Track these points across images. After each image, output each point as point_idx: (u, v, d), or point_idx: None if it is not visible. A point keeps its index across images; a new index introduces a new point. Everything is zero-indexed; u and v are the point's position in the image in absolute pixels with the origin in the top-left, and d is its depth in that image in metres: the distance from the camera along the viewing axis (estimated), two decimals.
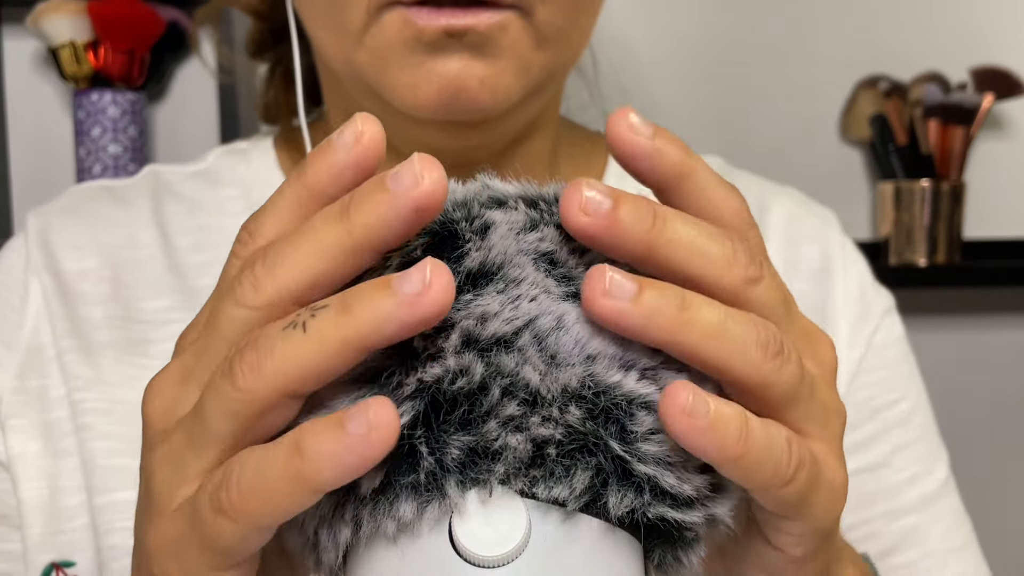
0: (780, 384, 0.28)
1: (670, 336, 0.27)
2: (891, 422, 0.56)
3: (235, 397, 0.27)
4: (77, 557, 0.50)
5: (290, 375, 0.26)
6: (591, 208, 0.27)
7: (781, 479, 0.28)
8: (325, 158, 0.29)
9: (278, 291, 0.27)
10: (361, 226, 0.27)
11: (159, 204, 0.56)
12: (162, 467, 0.29)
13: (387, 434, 0.25)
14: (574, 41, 0.48)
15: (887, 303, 0.59)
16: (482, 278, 0.28)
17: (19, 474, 0.50)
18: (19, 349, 0.52)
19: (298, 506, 0.26)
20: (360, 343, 0.26)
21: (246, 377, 0.26)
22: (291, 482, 0.25)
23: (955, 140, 1.24)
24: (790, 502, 0.29)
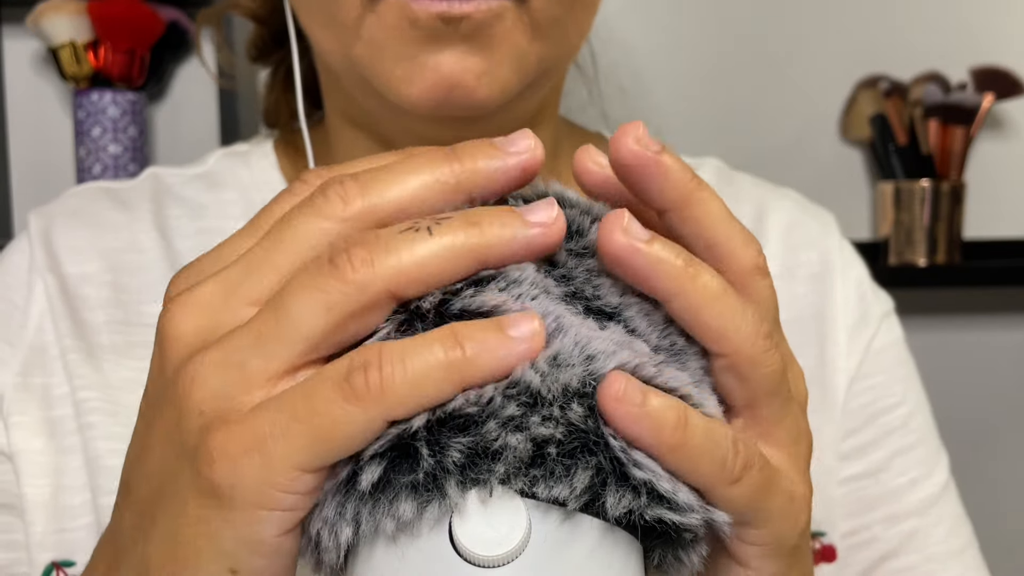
0: (767, 367, 0.29)
1: (676, 286, 0.28)
2: (890, 426, 0.56)
3: (337, 289, 0.26)
4: (79, 557, 0.49)
5: (405, 271, 0.26)
6: (644, 141, 0.29)
7: (727, 476, 0.28)
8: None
9: (369, 206, 0.28)
10: (470, 170, 0.29)
11: (160, 207, 0.56)
12: (211, 377, 0.27)
13: (541, 342, 0.26)
14: (571, 34, 0.48)
15: (886, 307, 0.59)
16: (483, 279, 0.28)
17: (22, 470, 0.50)
18: (23, 347, 0.52)
19: (442, 398, 0.26)
20: (484, 253, 0.27)
21: (356, 270, 0.26)
22: (445, 371, 0.25)
23: (955, 140, 1.24)
24: (742, 504, 0.28)
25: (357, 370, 0.25)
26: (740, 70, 1.28)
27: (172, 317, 0.29)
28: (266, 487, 0.26)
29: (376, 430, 0.26)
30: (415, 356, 0.26)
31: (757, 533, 0.30)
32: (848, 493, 0.55)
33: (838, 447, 0.55)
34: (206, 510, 0.27)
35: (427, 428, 0.26)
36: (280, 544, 0.27)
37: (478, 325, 0.26)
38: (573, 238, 0.30)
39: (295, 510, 0.26)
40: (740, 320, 0.29)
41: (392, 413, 0.25)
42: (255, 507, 0.26)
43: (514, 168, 0.29)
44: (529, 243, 0.28)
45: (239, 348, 0.27)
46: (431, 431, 0.26)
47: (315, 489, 0.26)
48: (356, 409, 0.25)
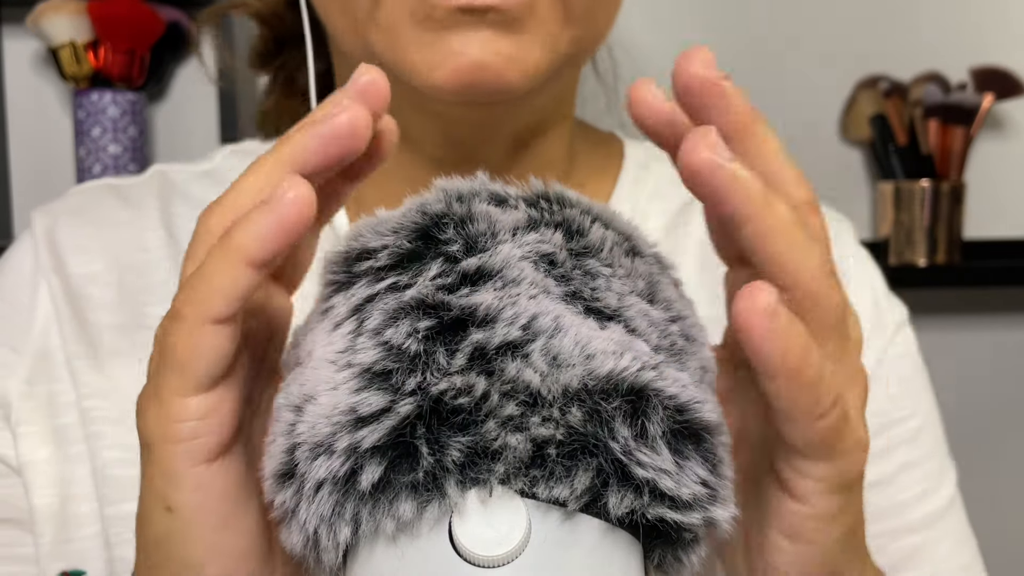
0: (831, 302, 0.29)
1: (752, 208, 0.28)
2: (899, 439, 0.55)
3: (198, 250, 0.31)
4: (87, 566, 0.49)
5: (239, 206, 0.30)
6: (711, 65, 0.29)
7: (819, 410, 0.28)
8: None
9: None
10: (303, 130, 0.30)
11: (166, 205, 0.55)
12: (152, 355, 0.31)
13: (301, 197, 0.28)
14: (600, 20, 0.47)
15: (900, 316, 0.58)
16: (481, 278, 0.28)
17: (31, 481, 0.49)
18: (28, 353, 0.51)
19: (236, 283, 0.28)
20: (288, 160, 0.30)
21: (203, 221, 0.31)
22: (224, 259, 0.28)
23: (955, 140, 1.24)
24: (819, 439, 0.29)
25: (175, 296, 0.30)
26: (740, 70, 1.28)
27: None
28: (162, 420, 0.29)
29: (208, 335, 0.29)
30: (204, 261, 0.29)
31: (823, 468, 0.30)
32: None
33: None
34: (145, 463, 0.31)
35: (426, 426, 0.26)
36: (200, 477, 0.30)
37: (247, 210, 0.29)
38: (573, 238, 0.30)
39: (196, 437, 0.29)
40: (809, 252, 0.28)
41: (207, 313, 0.29)
42: (163, 442, 0.29)
43: (352, 94, 0.30)
44: (322, 136, 0.29)
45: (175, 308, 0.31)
46: (430, 429, 0.26)
47: (207, 414, 0.29)
48: (179, 324, 0.29)
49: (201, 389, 0.29)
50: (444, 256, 0.28)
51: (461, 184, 0.31)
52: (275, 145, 0.31)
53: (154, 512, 0.30)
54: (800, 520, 0.31)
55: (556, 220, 0.30)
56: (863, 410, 0.32)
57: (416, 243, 0.29)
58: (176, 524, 0.30)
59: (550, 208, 0.31)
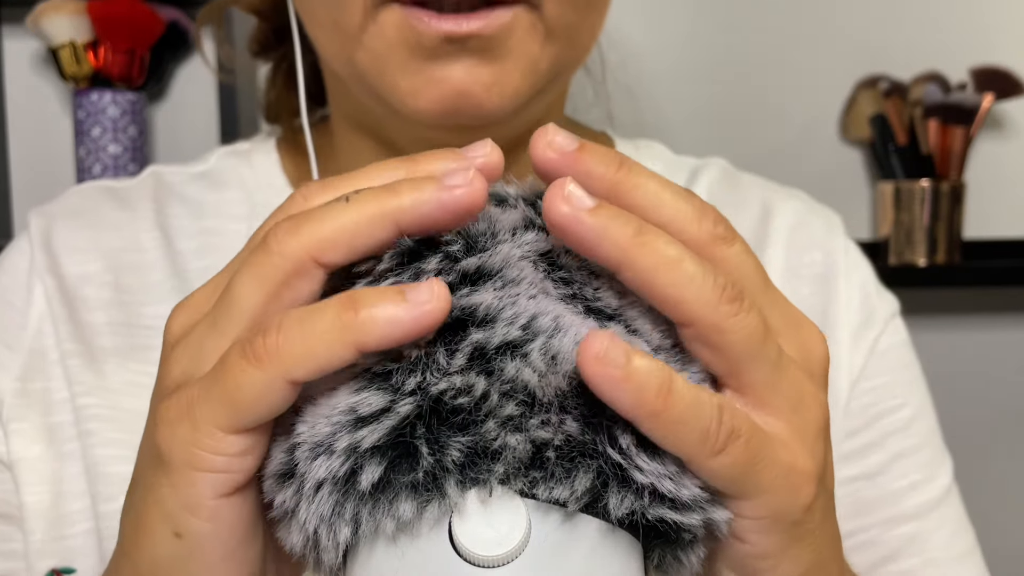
0: (737, 331, 0.28)
1: (623, 255, 0.27)
2: (891, 428, 0.56)
3: (265, 261, 0.28)
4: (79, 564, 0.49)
5: (323, 236, 0.28)
6: (557, 145, 0.29)
7: (710, 447, 0.27)
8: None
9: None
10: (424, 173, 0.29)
11: (162, 206, 0.55)
12: (180, 357, 0.30)
13: (442, 307, 0.26)
14: (583, 37, 0.47)
15: (891, 308, 0.58)
16: (480, 278, 0.28)
17: (21, 478, 0.49)
18: (22, 351, 0.51)
19: (336, 359, 0.26)
20: (396, 216, 0.28)
21: (280, 241, 0.28)
22: (339, 332, 0.26)
23: (955, 140, 1.24)
24: (727, 476, 0.27)
25: (258, 334, 0.27)
26: (740, 70, 1.28)
27: (173, 317, 0.31)
28: (194, 448, 0.28)
29: (279, 390, 0.27)
30: (311, 319, 0.27)
31: (749, 505, 0.28)
32: (847, 495, 0.55)
33: (838, 448, 0.55)
34: (155, 476, 0.29)
35: (426, 426, 0.26)
36: (219, 508, 0.28)
37: (378, 290, 0.27)
38: None
39: (228, 472, 0.28)
40: (699, 285, 0.27)
41: (290, 373, 0.26)
42: (188, 468, 0.28)
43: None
44: (441, 204, 0.28)
45: (200, 332, 0.29)
46: (430, 429, 0.26)
47: (245, 452, 0.28)
48: (255, 370, 0.27)
49: (245, 430, 0.28)
50: (444, 256, 0.28)
51: None
52: (383, 190, 0.28)
53: (160, 534, 0.29)
54: (747, 560, 0.30)
55: None
56: (817, 435, 0.30)
57: (416, 243, 0.29)
58: (182, 551, 0.29)
59: None
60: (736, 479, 0.28)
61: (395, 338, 0.26)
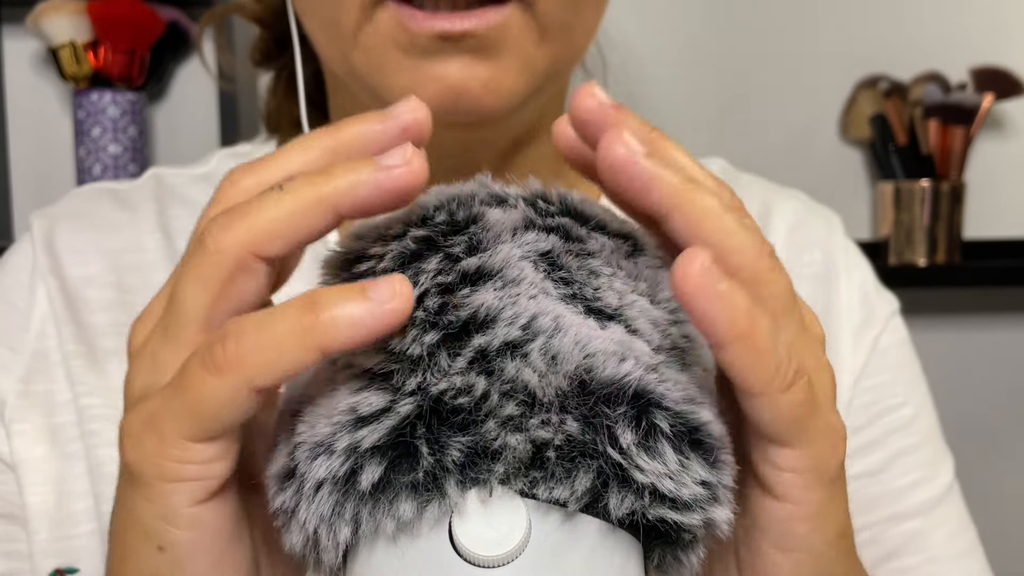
0: (775, 284, 0.28)
1: (675, 198, 0.27)
2: (893, 426, 0.56)
3: (205, 261, 0.27)
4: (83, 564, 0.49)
5: (260, 229, 0.27)
6: (600, 98, 0.29)
7: (781, 380, 0.27)
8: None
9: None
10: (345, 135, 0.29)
11: (163, 208, 0.55)
12: (139, 369, 0.29)
13: (404, 305, 0.26)
14: (578, 35, 0.47)
15: (891, 307, 0.59)
16: (481, 278, 0.28)
17: (25, 478, 0.49)
18: (25, 353, 0.51)
19: (298, 364, 0.26)
20: (334, 201, 0.27)
21: (216, 238, 0.27)
22: (299, 336, 0.25)
23: (955, 140, 1.24)
24: (790, 415, 0.28)
25: (217, 342, 0.26)
26: (740, 70, 1.28)
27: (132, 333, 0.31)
28: (162, 459, 0.27)
29: (243, 398, 0.26)
30: (270, 324, 0.26)
31: (798, 455, 0.28)
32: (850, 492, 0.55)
33: None
34: (129, 492, 0.28)
35: (426, 426, 0.26)
36: (197, 516, 0.28)
37: (338, 290, 0.26)
38: (573, 238, 0.30)
39: (200, 479, 0.27)
40: (743, 236, 0.28)
41: (253, 381, 0.26)
42: (159, 480, 0.27)
43: (394, 130, 0.29)
44: (379, 186, 0.27)
45: (154, 343, 0.29)
46: (431, 429, 0.26)
47: (215, 458, 0.27)
48: (216, 380, 0.26)
49: (213, 438, 0.27)
50: (444, 256, 0.28)
51: (461, 185, 0.31)
52: (317, 175, 0.27)
53: (143, 550, 0.29)
54: (788, 524, 0.30)
55: (556, 220, 0.30)
56: (834, 400, 0.31)
57: (417, 244, 0.29)
58: (167, 564, 0.28)
59: (549, 208, 0.31)
60: (797, 420, 0.28)
61: (358, 339, 0.26)
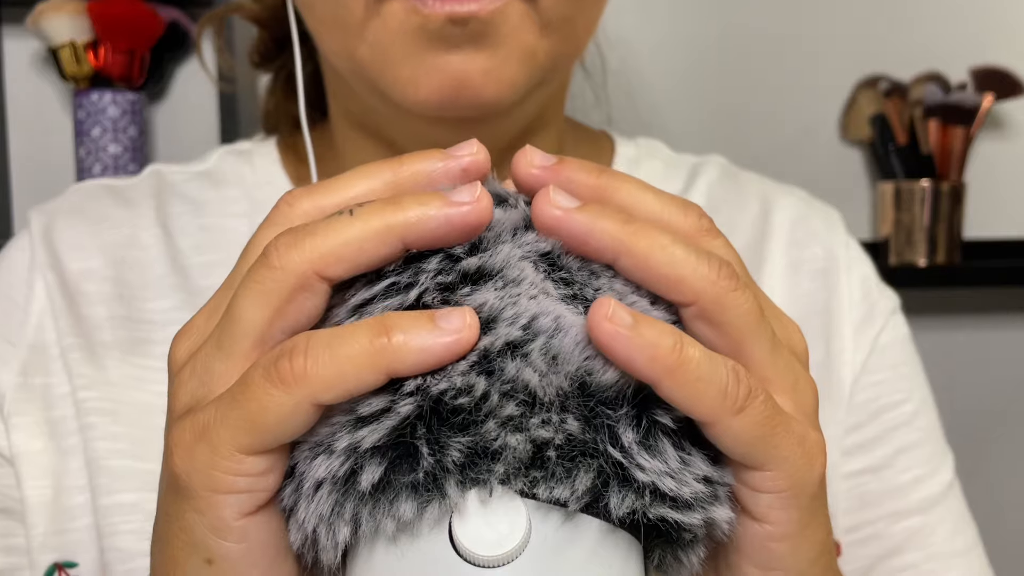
0: (738, 307, 0.28)
1: (618, 242, 0.28)
2: (895, 423, 0.56)
3: (268, 277, 0.28)
4: (80, 558, 0.49)
5: (327, 251, 0.27)
6: (538, 161, 0.30)
7: (731, 404, 0.27)
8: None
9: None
10: (410, 172, 0.30)
11: (162, 204, 0.55)
12: (187, 381, 0.29)
13: (473, 336, 0.26)
14: (579, 29, 0.47)
15: (892, 304, 0.59)
16: (481, 278, 0.28)
17: (23, 472, 0.50)
18: (23, 346, 0.51)
19: (364, 385, 0.26)
20: (402, 231, 0.28)
21: (282, 255, 0.27)
22: (369, 357, 0.26)
23: (955, 140, 1.24)
24: (750, 437, 0.27)
25: (284, 356, 0.26)
26: (740, 70, 1.28)
27: (176, 343, 0.31)
28: (214, 471, 0.27)
29: (304, 413, 0.26)
30: (341, 342, 0.26)
31: (771, 476, 0.28)
32: (850, 489, 0.55)
33: (842, 442, 0.55)
34: (176, 504, 0.28)
35: (426, 426, 0.26)
36: (246, 528, 0.28)
37: (409, 315, 0.27)
38: None
39: (251, 492, 0.27)
40: (695, 264, 0.28)
41: (317, 397, 0.26)
42: (210, 491, 0.27)
43: (455, 169, 0.30)
44: (448, 220, 0.28)
45: (206, 355, 0.29)
46: (431, 429, 0.26)
47: (267, 471, 0.27)
48: (281, 393, 0.26)
49: (267, 451, 0.27)
50: (444, 256, 0.28)
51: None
52: (387, 204, 0.28)
53: (191, 562, 0.28)
54: (767, 544, 0.30)
55: None
56: (814, 414, 0.30)
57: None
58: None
59: None
60: (758, 442, 0.28)
61: (427, 365, 0.26)
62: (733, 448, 0.28)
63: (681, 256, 0.28)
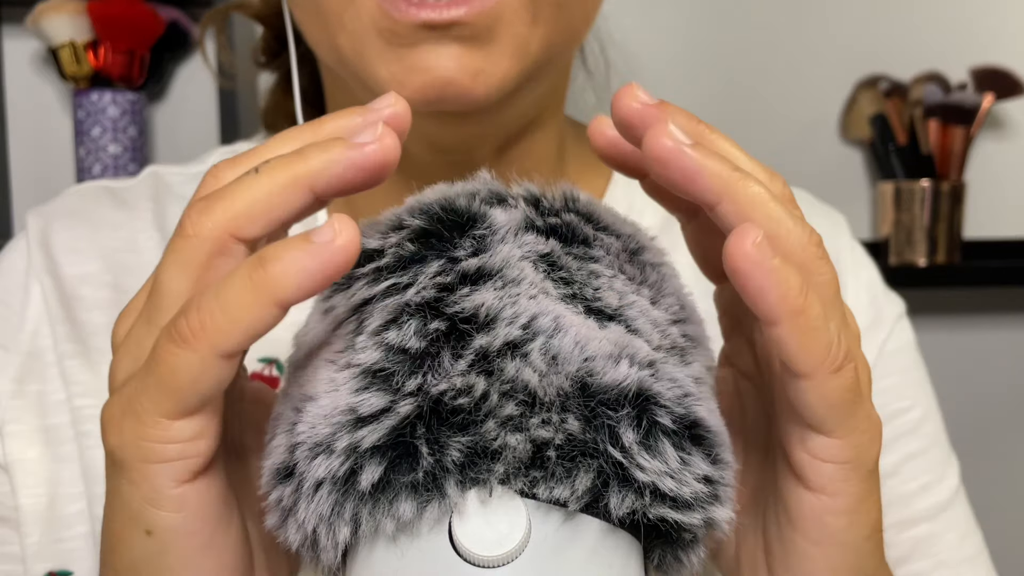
0: (824, 274, 0.28)
1: (724, 186, 0.28)
2: (901, 430, 0.55)
3: (184, 246, 0.28)
4: (75, 567, 0.49)
5: (238, 211, 0.27)
6: (642, 98, 0.29)
7: (832, 362, 0.27)
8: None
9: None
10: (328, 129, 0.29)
11: (160, 207, 0.55)
12: (123, 359, 0.29)
13: (348, 242, 0.26)
14: (575, 18, 0.45)
15: (898, 309, 0.58)
16: (481, 278, 0.28)
17: (18, 480, 0.49)
18: (18, 353, 0.51)
19: (259, 322, 0.26)
20: (309, 180, 0.28)
21: (195, 222, 0.28)
22: (254, 293, 0.26)
23: (955, 140, 1.24)
24: (838, 400, 0.27)
25: (180, 315, 0.27)
26: (740, 70, 1.28)
27: (115, 330, 0.31)
28: (143, 441, 0.27)
29: (215, 367, 0.26)
30: (226, 288, 0.26)
31: (840, 445, 0.28)
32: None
33: None
34: (114, 479, 0.29)
35: (426, 426, 0.26)
36: (183, 496, 0.28)
37: (283, 242, 0.26)
38: (575, 238, 0.30)
39: (183, 459, 0.28)
40: (792, 224, 0.28)
41: (220, 347, 0.26)
42: (141, 462, 0.28)
43: (375, 122, 0.29)
44: (353, 163, 0.28)
45: (137, 331, 0.29)
46: (430, 429, 0.26)
47: (196, 435, 0.28)
48: (186, 351, 0.26)
49: (191, 413, 0.27)
50: (444, 256, 0.28)
51: (462, 184, 0.31)
52: (291, 156, 0.28)
53: (131, 535, 0.29)
54: (824, 517, 0.29)
55: (560, 219, 0.30)
56: (870, 393, 0.30)
57: (417, 243, 0.29)
58: (156, 547, 0.28)
59: (551, 208, 0.31)
60: (841, 407, 0.28)
61: (311, 286, 0.26)
62: (816, 408, 0.28)
63: (779, 213, 0.28)
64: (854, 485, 0.29)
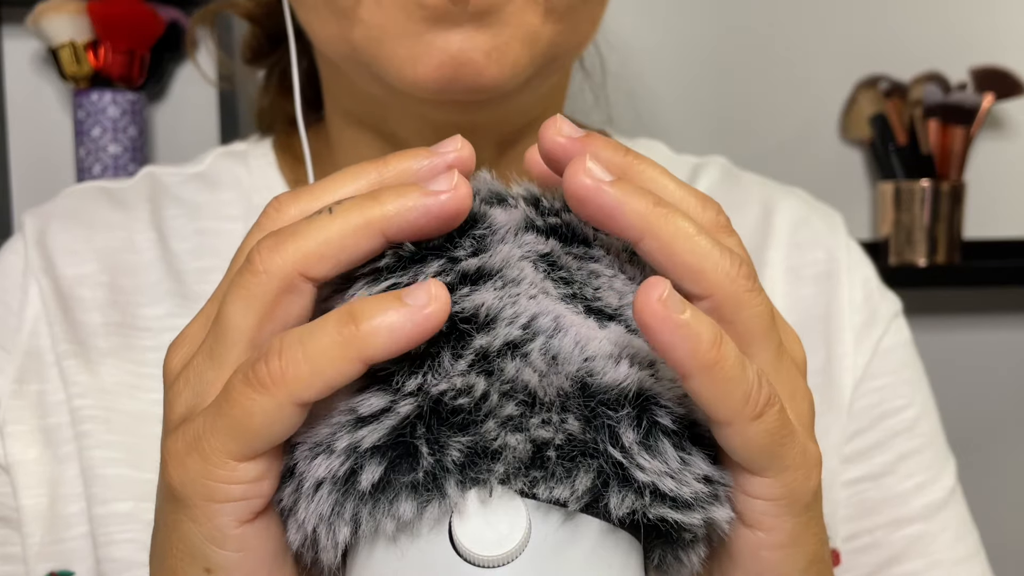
0: (753, 307, 0.28)
1: (645, 223, 0.27)
2: (896, 429, 0.55)
3: (253, 282, 0.27)
4: (77, 567, 0.49)
5: (309, 250, 0.27)
6: (566, 132, 0.29)
7: (751, 410, 0.27)
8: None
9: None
10: (395, 170, 0.30)
11: (157, 207, 0.55)
12: (182, 391, 0.29)
13: (442, 308, 0.26)
14: (583, 21, 0.47)
15: (894, 307, 0.58)
16: (481, 278, 0.28)
17: (19, 481, 0.49)
18: (17, 353, 0.51)
19: (341, 377, 0.26)
20: (382, 224, 0.27)
21: (265, 259, 0.27)
22: (341, 348, 0.26)
23: (955, 140, 1.24)
24: (761, 444, 0.27)
25: (260, 360, 0.26)
26: (740, 70, 1.28)
27: (170, 354, 0.31)
28: (208, 480, 0.27)
29: (289, 413, 0.26)
30: (311, 338, 0.26)
31: (770, 483, 0.28)
32: (851, 496, 0.54)
33: (842, 449, 0.54)
34: (173, 514, 0.28)
35: (426, 426, 0.26)
36: (244, 536, 0.28)
37: (376, 300, 0.26)
38: (574, 237, 0.30)
39: (247, 499, 0.27)
40: (718, 258, 0.28)
41: (298, 396, 0.26)
42: (205, 500, 0.27)
43: (440, 166, 0.30)
44: (428, 211, 0.28)
45: (198, 364, 0.29)
46: (430, 429, 0.26)
47: (261, 476, 0.27)
48: (262, 397, 0.26)
49: (257, 456, 0.27)
50: (444, 256, 0.28)
51: None
52: (366, 199, 0.28)
53: (188, 571, 0.28)
54: (760, 552, 0.30)
55: (559, 219, 0.30)
56: (811, 426, 0.30)
57: (417, 243, 0.29)
58: None
59: (551, 208, 0.31)
60: (768, 449, 0.28)
61: (400, 347, 0.26)
62: (741, 452, 0.28)
63: (705, 247, 0.28)
64: (788, 521, 0.29)
